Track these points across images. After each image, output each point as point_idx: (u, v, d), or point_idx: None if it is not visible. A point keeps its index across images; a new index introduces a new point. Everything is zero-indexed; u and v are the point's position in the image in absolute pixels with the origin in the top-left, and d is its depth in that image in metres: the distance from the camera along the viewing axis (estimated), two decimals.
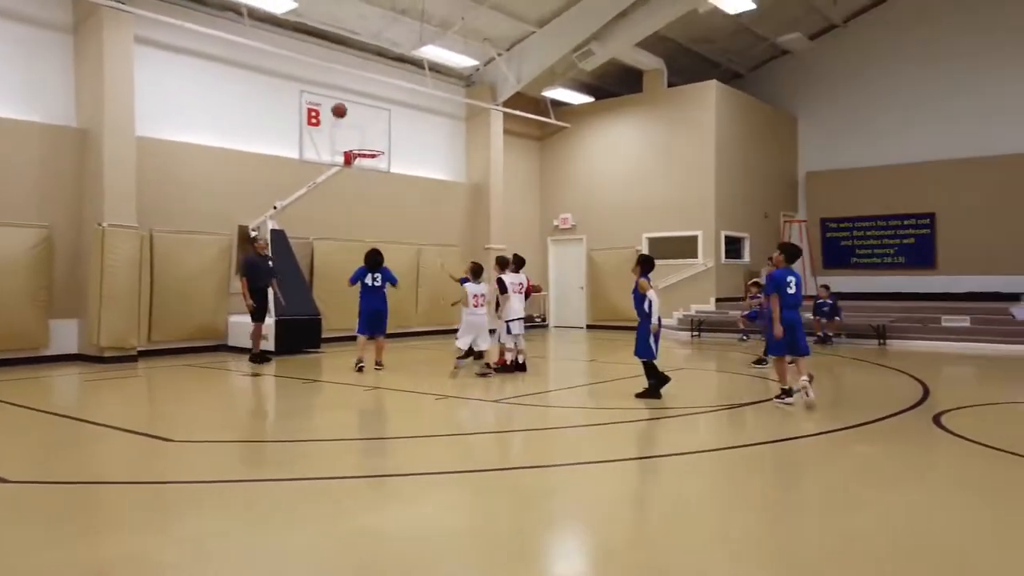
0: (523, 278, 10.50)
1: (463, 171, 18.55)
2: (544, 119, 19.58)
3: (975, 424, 6.86)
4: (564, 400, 8.67)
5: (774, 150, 20.31)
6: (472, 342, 9.93)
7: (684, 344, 15.33)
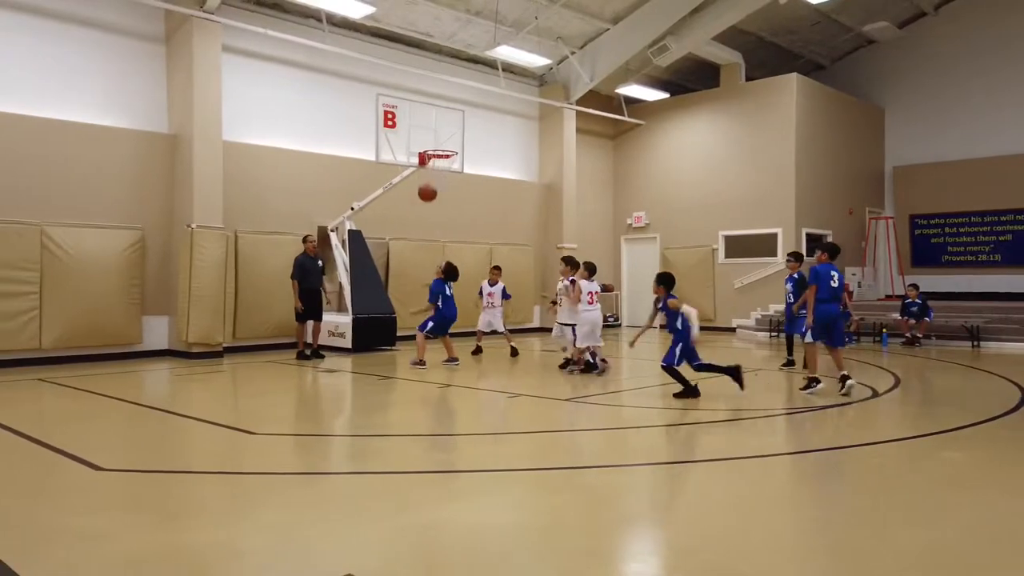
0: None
1: (536, 171, 18.57)
2: (617, 117, 19.42)
3: None
4: (636, 400, 8.57)
5: (859, 144, 19.54)
6: (587, 337, 9.84)
7: (762, 345, 14.95)
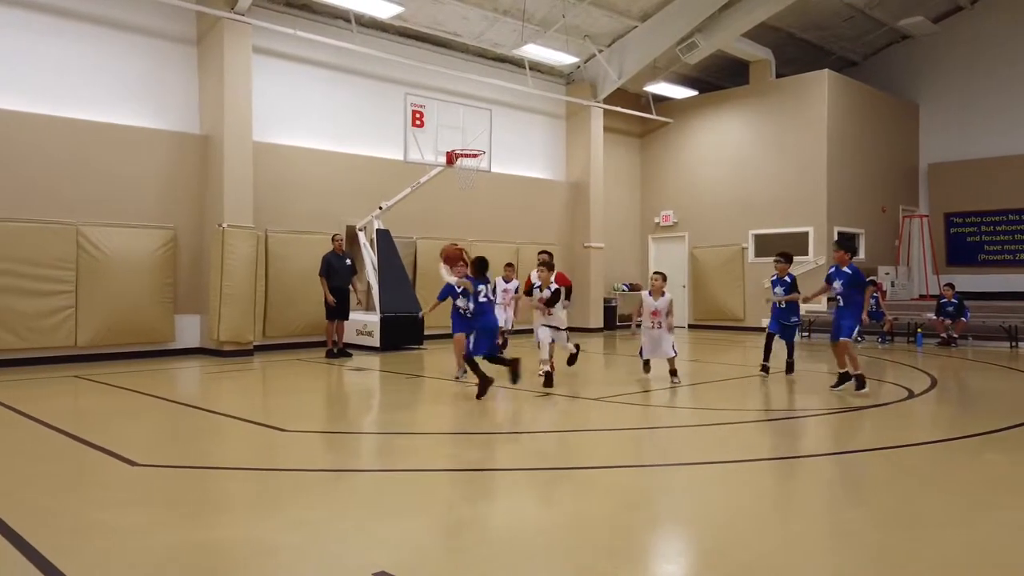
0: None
1: (563, 169, 18.52)
2: (645, 115, 19.29)
3: None
4: (665, 400, 8.49)
5: (893, 141, 19.20)
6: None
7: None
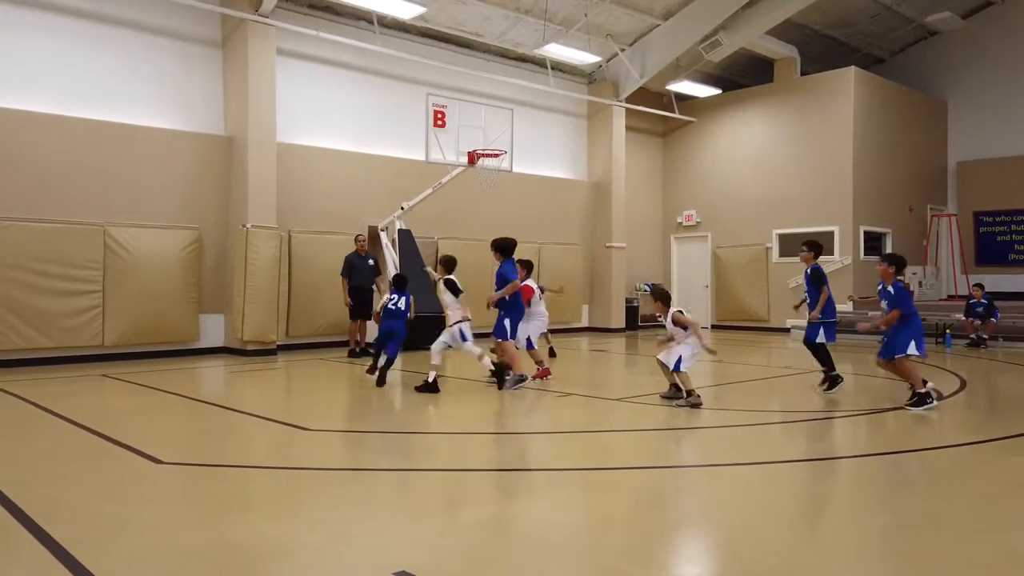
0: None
1: (584, 169, 18.46)
2: (668, 114, 19.17)
3: None
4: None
5: (920, 139, 18.91)
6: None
7: None
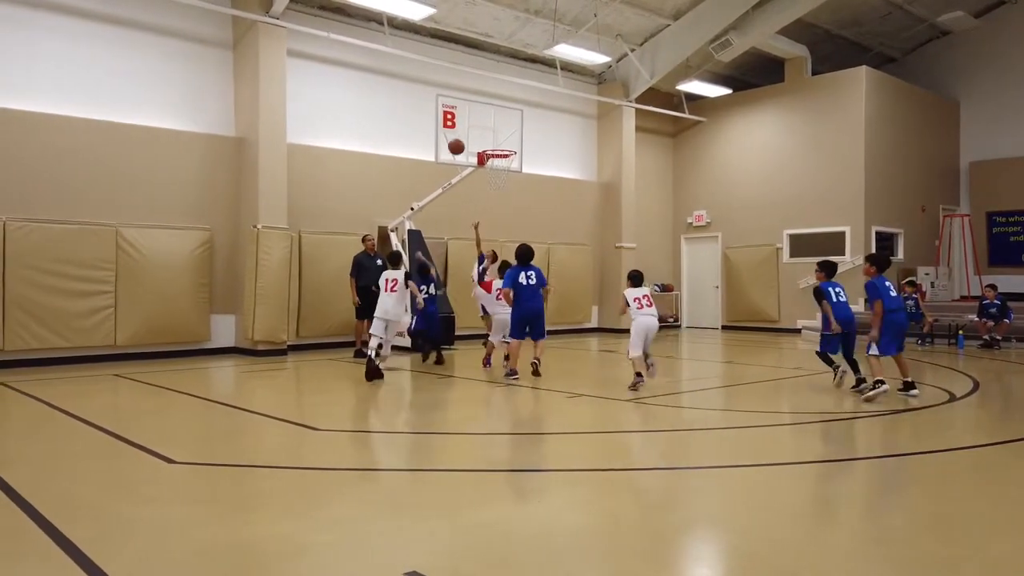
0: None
1: (594, 170, 18.43)
2: (678, 114, 19.13)
3: None
4: (699, 402, 8.40)
5: (932, 138, 18.79)
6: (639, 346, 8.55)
7: None
